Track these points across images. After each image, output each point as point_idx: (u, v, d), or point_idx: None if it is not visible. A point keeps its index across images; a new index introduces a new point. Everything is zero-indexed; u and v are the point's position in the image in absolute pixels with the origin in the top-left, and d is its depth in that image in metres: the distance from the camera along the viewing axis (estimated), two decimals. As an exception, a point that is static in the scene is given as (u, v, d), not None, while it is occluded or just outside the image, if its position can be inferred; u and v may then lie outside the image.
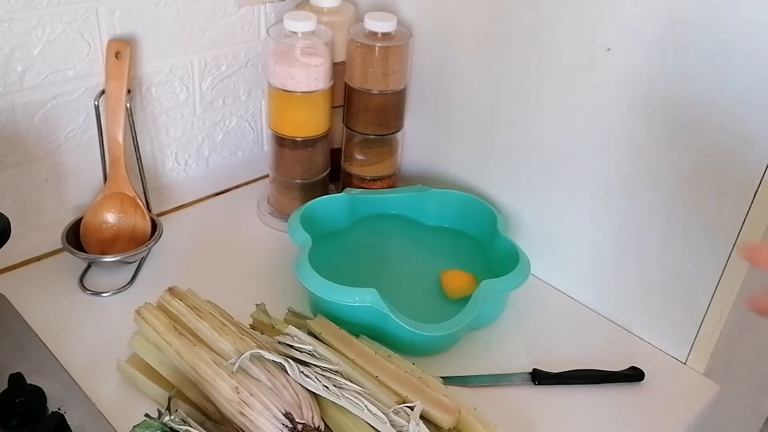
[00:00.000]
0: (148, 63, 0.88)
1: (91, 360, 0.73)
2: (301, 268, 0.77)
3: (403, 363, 0.70)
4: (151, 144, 0.94)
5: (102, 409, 0.68)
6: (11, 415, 0.63)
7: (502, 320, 0.84)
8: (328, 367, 0.65)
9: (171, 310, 0.71)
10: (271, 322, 0.75)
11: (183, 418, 0.60)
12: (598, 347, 0.82)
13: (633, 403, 0.75)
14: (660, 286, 0.80)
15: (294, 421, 0.59)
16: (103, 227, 0.87)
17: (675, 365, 0.80)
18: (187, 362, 0.64)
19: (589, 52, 0.77)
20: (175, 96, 0.93)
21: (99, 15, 0.81)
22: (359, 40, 0.90)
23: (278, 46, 0.88)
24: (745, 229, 0.70)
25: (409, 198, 0.94)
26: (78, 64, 0.82)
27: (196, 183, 1.01)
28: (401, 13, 0.94)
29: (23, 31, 0.77)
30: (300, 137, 0.92)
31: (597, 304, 0.87)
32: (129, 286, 0.84)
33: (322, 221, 0.89)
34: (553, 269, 0.90)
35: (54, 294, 0.82)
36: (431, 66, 0.95)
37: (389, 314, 0.73)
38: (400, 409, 0.63)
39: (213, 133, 1.00)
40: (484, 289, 0.77)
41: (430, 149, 1.01)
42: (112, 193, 0.87)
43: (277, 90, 0.89)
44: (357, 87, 0.92)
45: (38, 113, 0.81)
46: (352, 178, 0.99)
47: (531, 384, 0.76)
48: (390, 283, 0.83)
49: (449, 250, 0.92)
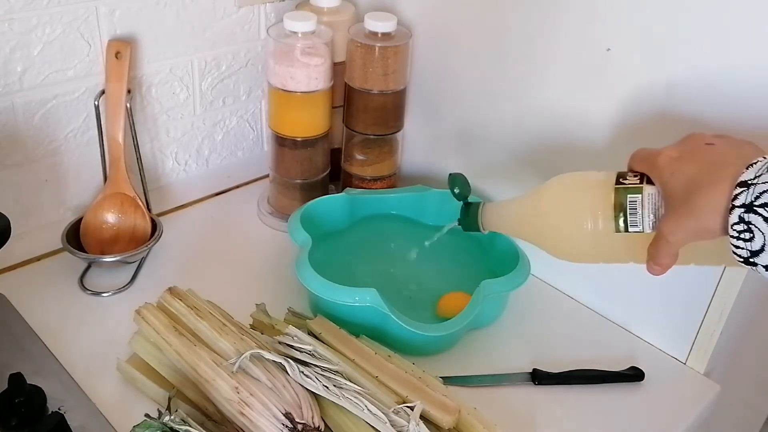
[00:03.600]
0: (148, 63, 0.88)
1: (91, 360, 0.73)
2: (301, 268, 0.77)
3: (403, 363, 0.70)
4: (151, 144, 0.94)
5: (102, 409, 0.68)
6: (11, 415, 0.63)
7: (502, 320, 0.84)
8: (328, 367, 0.65)
9: (171, 310, 0.71)
10: (271, 322, 0.75)
11: (183, 418, 0.60)
12: (598, 347, 0.82)
13: (633, 403, 0.75)
14: (660, 286, 0.79)
15: (294, 421, 0.59)
16: (103, 227, 0.87)
17: (675, 365, 0.80)
18: (187, 362, 0.64)
19: (590, 53, 0.77)
20: (175, 96, 0.93)
21: (99, 15, 0.81)
22: (359, 40, 0.90)
23: (278, 46, 0.88)
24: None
25: (409, 198, 0.94)
26: (78, 64, 0.82)
27: (196, 183, 1.01)
28: (401, 13, 0.94)
29: (23, 31, 0.77)
30: (300, 137, 0.92)
31: (597, 304, 0.87)
32: (129, 286, 0.84)
33: (322, 221, 0.89)
34: (553, 269, 0.90)
35: (54, 294, 0.82)
36: (431, 66, 0.95)
37: (389, 314, 0.73)
38: (400, 409, 0.63)
39: (213, 133, 1.00)
40: (484, 289, 0.77)
41: (430, 149, 1.01)
42: (112, 193, 0.87)
43: (277, 90, 0.89)
44: (357, 87, 0.92)
45: (38, 113, 0.81)
46: (352, 178, 0.99)
47: (531, 384, 0.76)
48: (390, 283, 0.83)
49: (449, 250, 0.92)
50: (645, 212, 0.57)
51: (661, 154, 0.56)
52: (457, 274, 0.88)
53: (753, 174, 0.49)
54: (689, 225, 0.52)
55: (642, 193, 0.57)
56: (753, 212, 0.48)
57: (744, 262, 0.51)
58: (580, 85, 0.79)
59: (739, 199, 0.49)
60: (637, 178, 0.58)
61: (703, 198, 0.51)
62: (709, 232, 0.52)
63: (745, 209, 0.48)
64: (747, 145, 0.54)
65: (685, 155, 0.55)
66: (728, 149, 0.54)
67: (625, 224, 0.57)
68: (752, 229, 0.48)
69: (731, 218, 0.49)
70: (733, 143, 0.55)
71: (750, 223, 0.48)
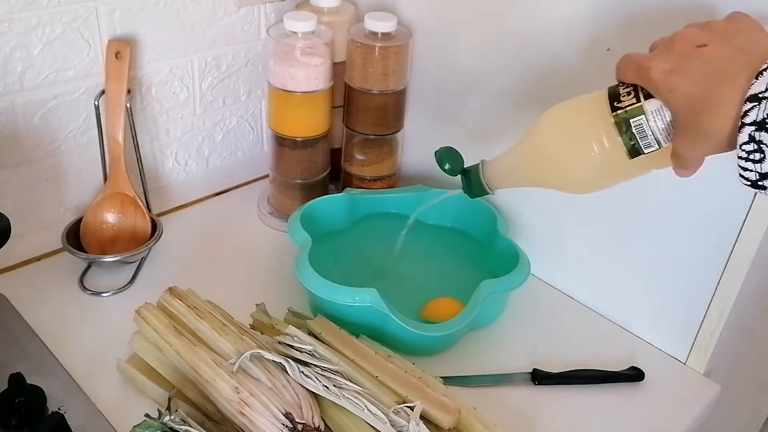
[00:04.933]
0: (148, 63, 0.88)
1: (91, 360, 0.73)
2: (301, 268, 0.77)
3: (403, 363, 0.70)
4: (151, 144, 0.94)
5: (102, 409, 0.68)
6: (11, 415, 0.63)
7: (502, 320, 0.84)
8: (328, 367, 0.65)
9: (171, 310, 0.71)
10: (271, 322, 0.75)
11: (183, 418, 0.60)
12: (598, 347, 0.82)
13: (633, 403, 0.75)
14: (660, 286, 0.80)
15: (294, 421, 0.59)
16: (103, 227, 0.87)
17: (675, 365, 0.80)
18: (187, 362, 0.64)
19: (590, 52, 0.77)
20: (175, 96, 0.93)
21: (99, 15, 0.81)
22: (359, 40, 0.90)
23: (278, 46, 0.88)
24: (744, 229, 0.70)
25: (409, 198, 0.94)
26: (78, 64, 0.82)
27: (196, 183, 1.01)
28: (401, 13, 0.94)
29: (23, 31, 0.77)
30: (300, 137, 0.92)
31: (597, 304, 0.87)
32: (129, 286, 0.84)
33: (322, 221, 0.89)
34: (553, 269, 0.90)
35: (54, 294, 0.82)
36: (431, 66, 0.95)
37: (389, 314, 0.73)
38: (400, 409, 0.63)
39: (213, 133, 1.00)
40: (484, 289, 0.77)
41: (430, 149, 1.00)
42: (112, 193, 0.87)
43: (277, 90, 0.89)
44: (357, 87, 0.93)
45: (38, 113, 0.81)
46: (352, 178, 0.99)
47: (531, 384, 0.76)
48: (390, 283, 0.83)
49: (449, 250, 0.92)
50: (655, 130, 0.52)
51: (652, 68, 0.50)
52: (457, 274, 0.88)
53: (764, 85, 0.43)
54: (701, 147, 0.48)
55: (645, 112, 0.52)
56: (765, 130, 0.43)
57: (752, 185, 0.46)
58: (581, 85, 0.79)
59: (749, 116, 0.43)
60: (632, 96, 0.52)
61: (709, 122, 0.46)
62: (726, 149, 0.47)
63: (756, 127, 0.43)
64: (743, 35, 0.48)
65: (677, 67, 0.49)
66: (726, 51, 0.47)
67: (639, 148, 0.53)
68: (763, 148, 0.43)
69: (740, 137, 0.44)
70: (728, 39, 0.48)
71: (761, 142, 0.43)
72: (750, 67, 0.45)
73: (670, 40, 0.50)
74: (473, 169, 0.69)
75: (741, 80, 0.45)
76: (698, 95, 0.47)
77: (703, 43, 0.48)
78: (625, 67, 0.53)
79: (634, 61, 0.52)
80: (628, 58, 0.53)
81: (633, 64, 0.52)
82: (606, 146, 0.54)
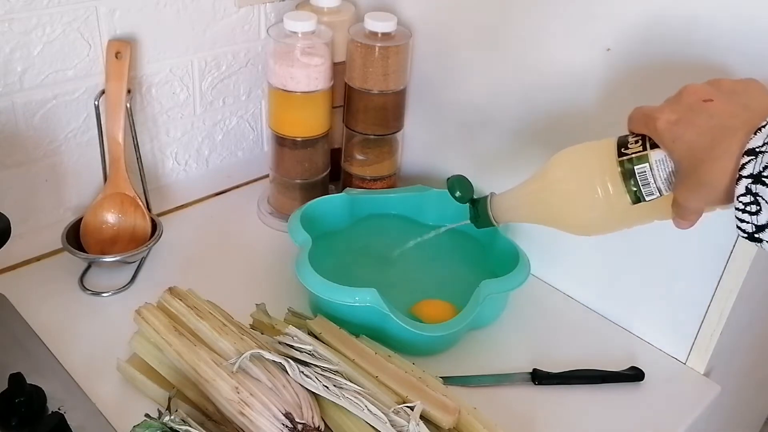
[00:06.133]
0: (148, 63, 0.88)
1: (91, 360, 0.73)
2: (301, 268, 0.77)
3: (403, 363, 0.70)
4: (151, 144, 0.94)
5: (102, 409, 0.68)
6: (11, 415, 0.64)
7: (502, 320, 0.84)
8: (328, 367, 0.65)
9: (171, 310, 0.71)
10: (271, 322, 0.75)
11: (183, 418, 0.60)
12: (598, 347, 0.82)
13: (633, 403, 0.75)
14: (660, 286, 0.80)
15: (294, 421, 0.59)
16: (103, 227, 0.87)
17: (675, 365, 0.80)
18: (187, 362, 0.64)
19: (589, 52, 0.77)
20: (175, 96, 0.93)
21: (99, 15, 0.81)
22: (359, 40, 0.90)
23: (278, 46, 0.88)
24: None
25: (409, 198, 0.94)
26: (78, 64, 0.82)
27: (196, 183, 1.01)
28: (401, 13, 0.94)
29: (23, 31, 0.77)
30: (300, 137, 0.92)
31: (597, 304, 0.87)
32: (129, 286, 0.84)
33: (322, 221, 0.89)
34: (553, 269, 0.90)
35: (54, 294, 0.82)
36: (431, 66, 0.95)
37: (389, 314, 0.73)
38: (400, 409, 0.63)
39: (213, 133, 1.00)
40: (484, 289, 0.77)
41: (430, 149, 1.01)
42: (112, 193, 0.87)
43: (277, 90, 0.89)
44: (357, 87, 0.93)
45: (38, 113, 0.81)
46: (352, 178, 0.99)
47: (531, 384, 0.76)
48: (390, 283, 0.83)
49: (449, 250, 0.92)
50: (657, 179, 0.54)
51: (659, 119, 0.52)
52: (458, 274, 0.88)
53: (761, 140, 0.45)
54: (701, 197, 0.50)
55: (649, 161, 0.54)
56: (761, 183, 0.44)
57: (748, 238, 0.47)
58: (581, 84, 0.79)
59: (746, 169, 0.45)
60: (639, 144, 0.55)
61: (710, 173, 0.48)
62: (724, 201, 0.48)
63: (753, 180, 0.45)
64: (748, 95, 0.50)
65: (683, 118, 0.51)
66: (730, 107, 0.49)
67: (641, 195, 0.55)
68: (759, 201, 0.44)
69: (737, 189, 0.46)
70: (734, 97, 0.50)
71: (757, 194, 0.44)
72: (750, 123, 0.47)
73: (678, 93, 0.53)
74: (482, 201, 0.70)
75: (741, 135, 0.46)
76: (701, 146, 0.49)
77: (710, 98, 0.50)
78: (635, 117, 0.56)
79: (643, 112, 0.54)
80: (639, 110, 0.55)
81: (642, 114, 0.55)
82: (610, 191, 0.56)
